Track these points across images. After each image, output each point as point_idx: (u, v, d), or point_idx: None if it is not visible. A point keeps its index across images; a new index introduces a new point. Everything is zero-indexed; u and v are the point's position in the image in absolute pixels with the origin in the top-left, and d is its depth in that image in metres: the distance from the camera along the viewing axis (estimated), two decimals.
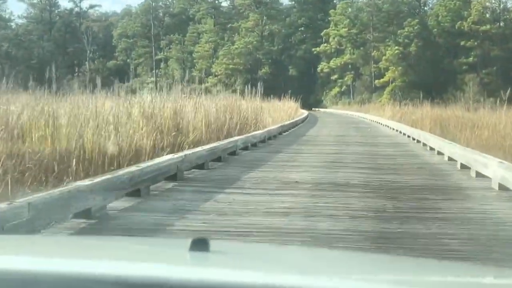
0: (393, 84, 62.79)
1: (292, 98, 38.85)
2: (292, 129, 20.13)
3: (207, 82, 79.59)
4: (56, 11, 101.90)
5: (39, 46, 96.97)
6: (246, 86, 20.79)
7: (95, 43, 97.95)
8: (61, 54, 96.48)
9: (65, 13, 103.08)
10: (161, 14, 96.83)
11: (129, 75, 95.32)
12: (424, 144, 12.43)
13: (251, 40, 74.20)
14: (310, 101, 72.40)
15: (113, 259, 1.33)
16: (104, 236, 3.52)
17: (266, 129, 13.85)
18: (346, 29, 66.81)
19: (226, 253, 1.39)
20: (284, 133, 17.16)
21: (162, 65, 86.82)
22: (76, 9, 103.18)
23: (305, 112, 39.78)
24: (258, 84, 18.78)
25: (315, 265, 1.40)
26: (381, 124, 25.03)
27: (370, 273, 1.35)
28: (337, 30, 68.02)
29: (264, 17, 76.77)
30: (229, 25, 78.69)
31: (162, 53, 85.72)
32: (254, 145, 11.79)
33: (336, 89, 68.76)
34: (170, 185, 6.27)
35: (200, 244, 1.27)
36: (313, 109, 64.88)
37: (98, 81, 10.05)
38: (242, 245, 2.56)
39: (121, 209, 4.91)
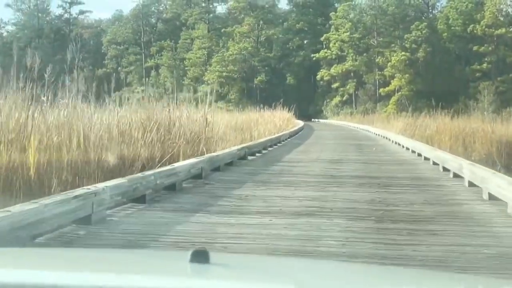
0: (400, 93, 57.70)
1: (287, 108, 34.73)
2: (270, 149, 14.79)
3: (199, 91, 74.48)
4: (47, 18, 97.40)
5: (26, 53, 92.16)
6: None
7: (85, 50, 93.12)
8: (50, 62, 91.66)
9: (54, 20, 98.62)
10: (154, 20, 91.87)
11: (119, 84, 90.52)
12: (472, 185, 7.02)
13: (246, 46, 68.98)
14: (310, 111, 67.40)
15: (113, 271, 1.33)
16: (103, 249, 3.38)
17: (206, 156, 8.43)
18: (348, 34, 61.68)
19: (226, 265, 1.40)
20: (252, 157, 11.78)
21: (152, 73, 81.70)
22: (66, 15, 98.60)
23: (300, 124, 34.73)
24: (208, 90, 13.56)
25: (315, 278, 1.40)
26: (390, 140, 19.61)
27: (369, 285, 1.37)
28: (338, 35, 62.84)
29: (260, 22, 71.62)
30: (223, 29, 73.51)
31: (152, 60, 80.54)
32: (170, 188, 6.42)
33: (337, 99, 63.45)
34: None
35: (200, 256, 1.27)
36: (312, 120, 60.38)
37: None
38: (242, 257, 2.60)
39: None
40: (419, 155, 12.46)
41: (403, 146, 15.92)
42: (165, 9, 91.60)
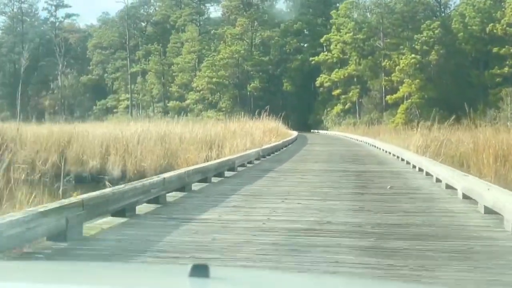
0: (409, 100, 51.18)
1: (283, 118, 30.00)
2: (198, 187, 8.06)
3: (187, 99, 67.83)
4: (36, 23, 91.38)
5: (10, 60, 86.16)
6: None
7: (71, 56, 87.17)
8: (34, 69, 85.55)
9: (39, 23, 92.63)
10: (143, 23, 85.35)
11: (105, 92, 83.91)
12: None
13: (238, 48, 62.26)
14: (309, 121, 61.01)
15: (111, 285, 1.33)
16: (102, 262, 3.27)
17: None
18: (350, 34, 55.00)
19: (226, 279, 1.38)
20: (108, 224, 5.00)
21: (139, 79, 75.11)
22: (52, 19, 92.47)
23: (291, 136, 28.30)
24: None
25: None
26: (410, 164, 12.72)
27: None
28: (340, 36, 56.14)
29: (255, 22, 64.98)
30: (213, 31, 66.88)
31: (138, 65, 73.89)
32: None
33: (339, 107, 56.66)
34: None
35: (200, 270, 1.26)
36: (312, 131, 54.32)
37: None
38: (242, 271, 2.54)
39: None
40: (491, 211, 5.66)
41: (436, 180, 9.10)
42: (155, 12, 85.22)
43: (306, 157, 16.36)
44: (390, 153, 17.31)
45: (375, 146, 23.14)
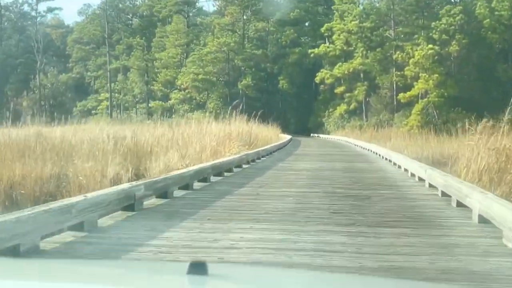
0: (426, 99, 43.54)
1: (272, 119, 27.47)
2: None
3: (172, 99, 60.37)
4: (21, 19, 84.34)
5: None
6: None
7: (53, 53, 79.91)
8: (13, 66, 78.26)
9: (19, 18, 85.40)
10: (129, 16, 77.74)
11: (88, 92, 76.60)
12: None
13: (228, 40, 54.48)
14: (310, 124, 53.45)
15: (108, 284, 1.32)
16: (99, 260, 3.35)
17: None
18: (356, 22, 47.34)
19: (224, 276, 1.37)
20: None
21: (119, 76, 67.52)
22: (33, 13, 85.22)
23: (273, 143, 20.76)
24: None
25: None
26: (495, 226, 4.73)
27: None
28: (344, 24, 48.40)
29: (249, 12, 57.31)
30: (198, 19, 59.17)
31: (118, 61, 66.26)
32: None
33: (343, 107, 48.87)
34: None
35: (198, 268, 1.25)
36: (311, 135, 47.21)
37: None
38: (241, 268, 2.57)
39: None
40: None
41: None
42: (141, 3, 77.67)
43: (258, 193, 8.32)
44: (424, 181, 9.29)
45: (390, 161, 15.20)
